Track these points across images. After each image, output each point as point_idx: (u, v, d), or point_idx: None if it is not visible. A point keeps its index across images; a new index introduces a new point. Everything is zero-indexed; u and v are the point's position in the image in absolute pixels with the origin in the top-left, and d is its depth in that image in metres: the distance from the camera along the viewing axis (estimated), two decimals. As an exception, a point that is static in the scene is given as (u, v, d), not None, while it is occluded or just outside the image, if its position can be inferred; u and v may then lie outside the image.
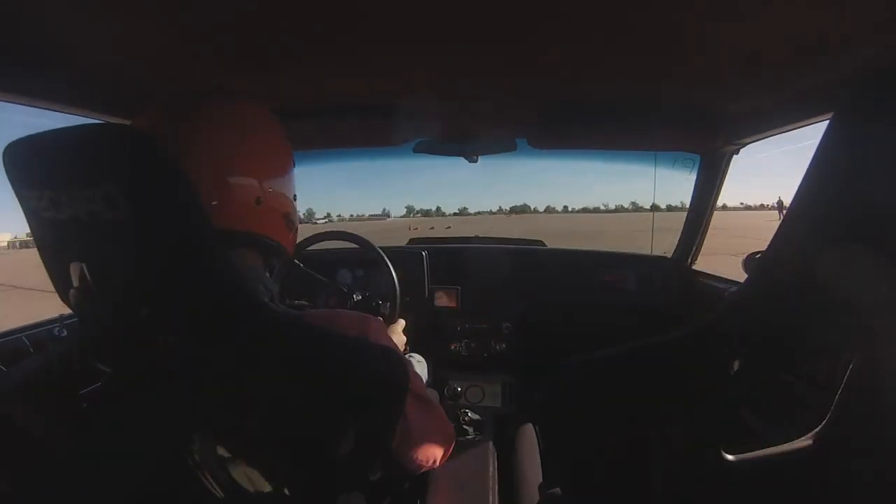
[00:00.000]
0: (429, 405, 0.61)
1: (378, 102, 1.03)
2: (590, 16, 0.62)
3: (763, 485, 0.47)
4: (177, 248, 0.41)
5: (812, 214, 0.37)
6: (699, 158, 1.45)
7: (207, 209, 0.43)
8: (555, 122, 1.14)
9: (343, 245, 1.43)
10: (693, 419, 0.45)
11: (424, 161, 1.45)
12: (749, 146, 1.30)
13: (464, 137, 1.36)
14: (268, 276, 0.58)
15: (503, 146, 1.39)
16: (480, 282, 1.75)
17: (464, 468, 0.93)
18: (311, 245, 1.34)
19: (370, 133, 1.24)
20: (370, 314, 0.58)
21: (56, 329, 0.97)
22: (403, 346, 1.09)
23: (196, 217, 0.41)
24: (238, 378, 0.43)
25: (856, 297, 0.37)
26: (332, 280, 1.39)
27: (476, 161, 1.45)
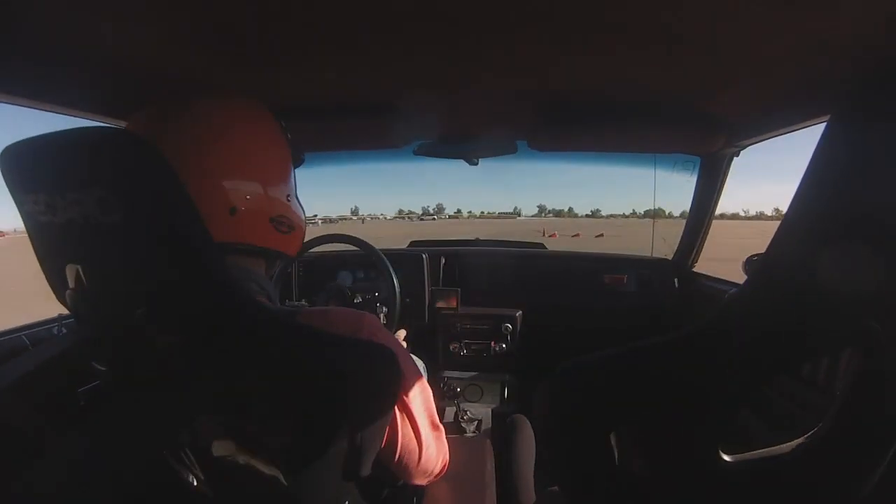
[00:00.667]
0: (421, 413, 0.60)
1: (378, 104, 1.03)
2: (590, 18, 0.62)
3: (761, 485, 0.46)
4: (169, 250, 0.41)
5: (811, 215, 0.37)
6: (699, 161, 1.45)
7: (207, 222, 0.43)
8: (555, 124, 1.14)
9: (344, 247, 1.43)
10: (691, 419, 0.45)
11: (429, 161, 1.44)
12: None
13: (464, 139, 1.36)
14: (264, 277, 0.57)
15: (504, 148, 1.39)
16: (480, 283, 1.75)
17: (461, 466, 0.92)
18: (313, 248, 1.34)
19: (370, 135, 1.24)
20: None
21: (55, 328, 0.97)
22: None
23: (187, 218, 0.41)
24: (231, 377, 0.43)
25: (856, 298, 0.37)
26: (333, 282, 1.39)
27: (477, 163, 1.46)
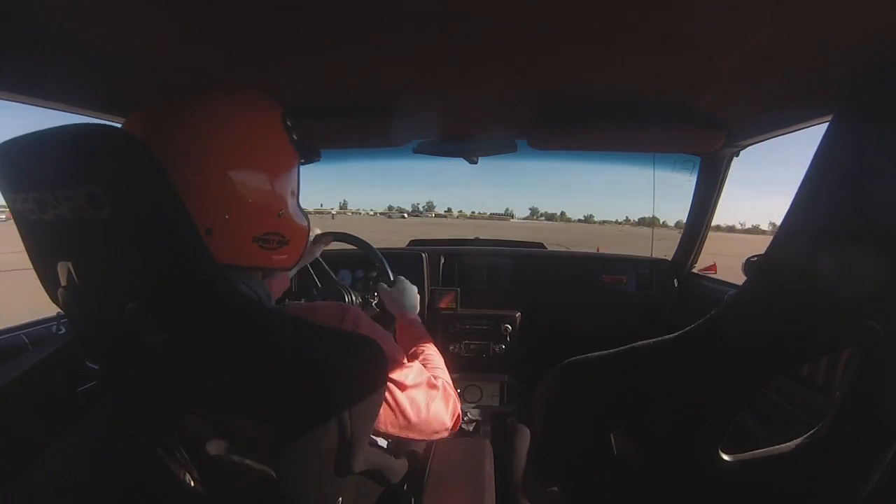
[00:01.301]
0: (416, 393, 0.61)
1: (378, 103, 1.03)
2: (590, 17, 0.62)
3: (761, 485, 0.46)
4: (158, 246, 0.41)
5: (812, 216, 0.37)
6: (699, 160, 1.45)
7: (213, 244, 0.44)
8: (555, 124, 1.14)
9: (343, 246, 1.43)
10: (691, 420, 0.45)
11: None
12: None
13: (464, 138, 1.36)
14: (256, 280, 0.57)
15: (503, 147, 1.39)
16: (480, 283, 1.75)
17: (460, 466, 0.92)
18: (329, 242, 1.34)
19: (370, 134, 1.24)
20: (366, 311, 0.58)
21: (54, 326, 0.97)
22: (416, 292, 1.09)
23: (175, 213, 0.41)
24: (220, 372, 0.43)
25: (856, 299, 0.37)
26: (332, 281, 1.39)
27: (476, 162, 1.45)
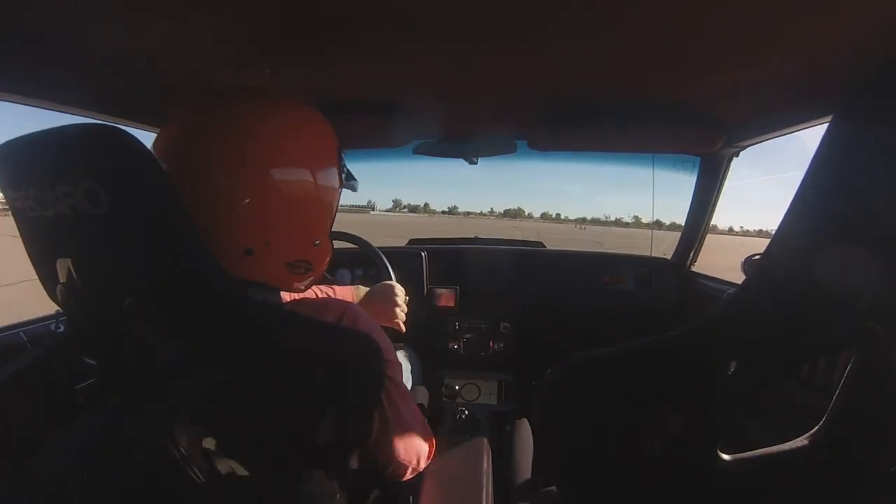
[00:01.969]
0: (407, 398, 0.61)
1: (378, 103, 1.03)
2: (589, 17, 0.62)
3: (760, 485, 0.47)
4: (156, 244, 0.41)
5: (812, 215, 0.37)
6: (699, 161, 1.45)
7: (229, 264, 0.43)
8: (554, 124, 1.14)
9: (342, 245, 1.43)
10: (690, 419, 0.45)
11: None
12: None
13: (464, 139, 1.36)
14: (267, 287, 0.57)
15: (503, 148, 1.39)
16: (479, 282, 1.75)
17: (458, 465, 0.93)
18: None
19: (370, 134, 1.24)
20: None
21: (52, 325, 0.97)
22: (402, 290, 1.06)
23: (174, 214, 0.41)
24: (220, 370, 0.43)
25: (855, 298, 0.37)
26: (332, 279, 1.39)
27: (476, 162, 1.46)
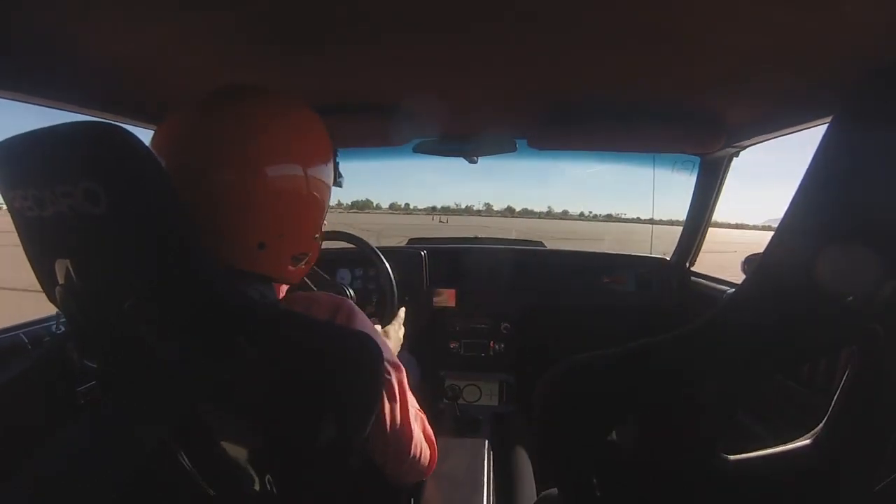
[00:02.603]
0: (408, 400, 0.60)
1: (378, 102, 1.03)
2: (590, 17, 0.62)
3: (761, 485, 0.47)
4: (156, 244, 0.41)
5: (812, 215, 0.37)
6: (699, 161, 1.45)
7: (209, 248, 0.43)
8: (554, 124, 1.14)
9: (342, 245, 1.43)
10: (690, 419, 0.45)
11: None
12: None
13: (464, 138, 1.36)
14: (268, 284, 0.56)
15: (503, 147, 1.39)
16: (479, 282, 1.75)
17: (459, 466, 0.92)
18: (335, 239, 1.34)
19: (369, 133, 1.24)
20: (364, 309, 0.58)
21: (53, 326, 0.97)
22: (401, 341, 1.07)
23: (174, 213, 0.41)
24: (220, 370, 0.43)
25: (855, 299, 0.37)
26: (331, 279, 1.39)
27: (476, 161, 1.46)
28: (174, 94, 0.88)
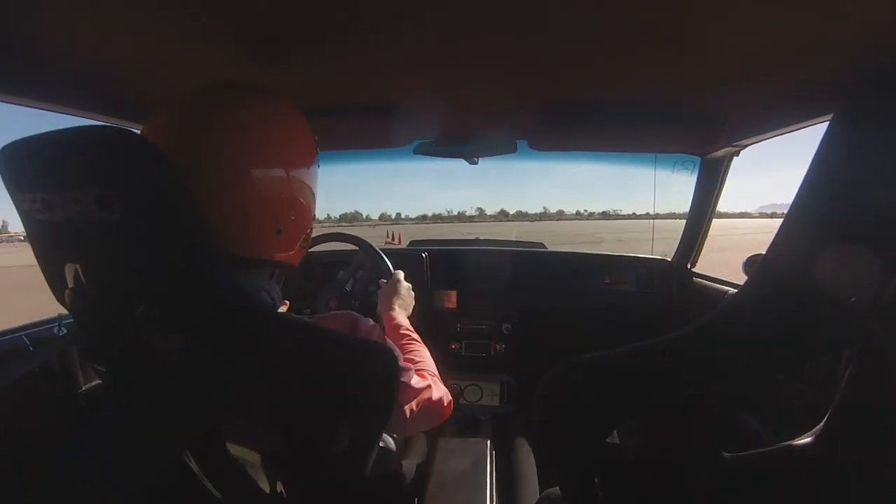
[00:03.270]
0: (420, 391, 0.62)
1: (378, 103, 1.03)
2: (589, 18, 0.62)
3: (761, 484, 0.47)
4: (170, 250, 0.41)
5: (813, 215, 0.37)
6: (699, 160, 1.45)
7: (224, 237, 0.44)
8: (555, 124, 1.14)
9: (343, 246, 1.43)
10: (691, 419, 0.45)
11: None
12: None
13: (464, 138, 1.36)
14: (269, 282, 0.57)
15: (504, 148, 1.39)
16: (480, 283, 1.75)
17: (461, 467, 0.93)
18: (312, 247, 1.34)
19: (370, 134, 1.24)
20: (370, 315, 0.58)
21: (55, 328, 0.97)
22: (412, 296, 1.07)
23: (188, 218, 0.40)
24: (233, 377, 0.43)
25: (855, 299, 0.37)
26: (333, 281, 1.39)
27: (477, 162, 1.46)
28: (172, 95, 0.88)
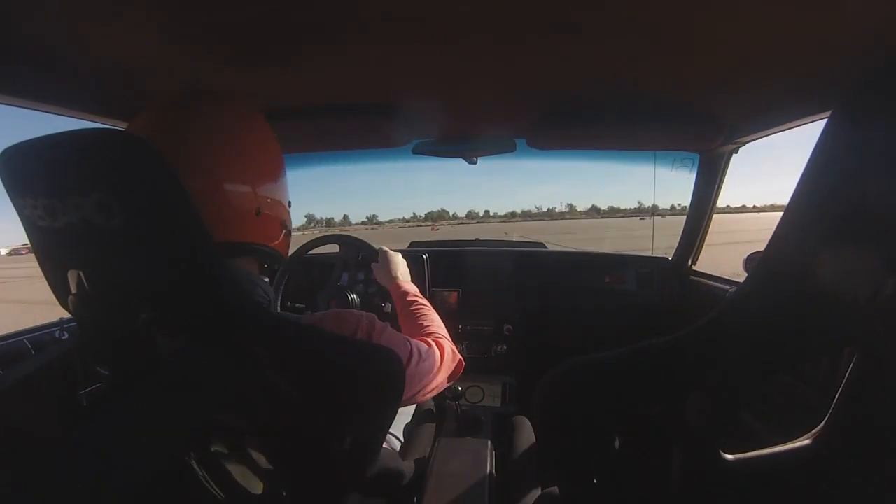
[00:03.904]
0: (423, 376, 0.62)
1: (376, 103, 1.03)
2: (588, 16, 0.62)
3: (762, 485, 0.47)
4: (171, 253, 0.41)
5: (811, 213, 0.37)
6: (698, 158, 1.45)
7: (207, 221, 0.43)
8: (553, 123, 1.14)
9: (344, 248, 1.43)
10: (692, 419, 0.45)
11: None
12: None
13: (463, 138, 1.36)
14: (265, 281, 0.57)
15: (502, 147, 1.39)
16: (481, 284, 1.75)
17: (462, 467, 0.93)
18: (312, 249, 1.34)
19: (368, 134, 1.24)
20: (375, 310, 0.58)
21: (57, 332, 0.97)
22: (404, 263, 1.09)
23: (189, 221, 0.40)
24: (236, 380, 0.43)
25: (856, 297, 0.37)
26: (334, 282, 1.39)
27: (475, 162, 1.45)
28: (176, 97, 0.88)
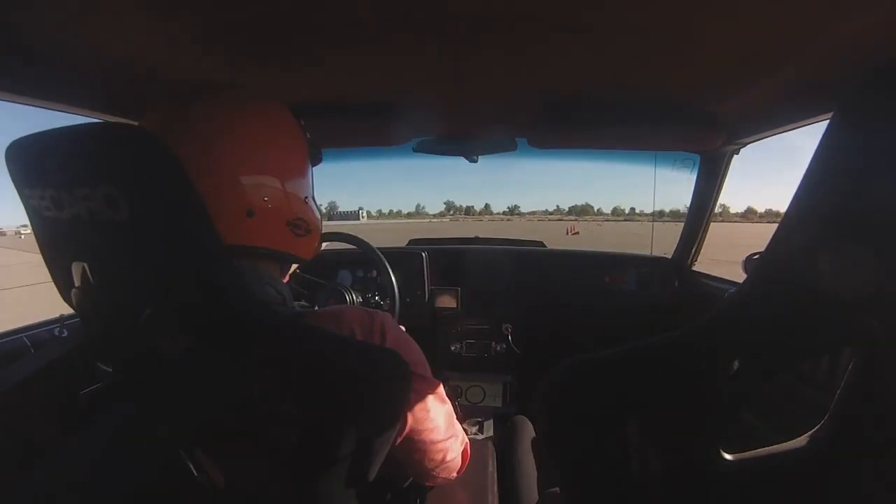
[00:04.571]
0: (437, 409, 0.60)
1: (377, 102, 1.03)
2: (589, 16, 0.62)
3: (763, 484, 0.47)
4: (177, 249, 0.41)
5: (812, 213, 0.37)
6: (699, 158, 1.45)
7: (217, 222, 0.42)
8: (554, 122, 1.14)
9: (343, 246, 1.43)
10: (692, 419, 0.45)
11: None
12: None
13: (464, 137, 1.36)
14: (278, 280, 0.57)
15: (503, 146, 1.39)
16: (481, 282, 1.75)
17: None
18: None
19: (369, 132, 1.23)
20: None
21: (56, 329, 0.97)
22: None
23: (195, 217, 0.40)
24: (239, 378, 0.43)
25: (856, 297, 0.37)
26: (333, 281, 1.39)
27: (476, 161, 1.45)
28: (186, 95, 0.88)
